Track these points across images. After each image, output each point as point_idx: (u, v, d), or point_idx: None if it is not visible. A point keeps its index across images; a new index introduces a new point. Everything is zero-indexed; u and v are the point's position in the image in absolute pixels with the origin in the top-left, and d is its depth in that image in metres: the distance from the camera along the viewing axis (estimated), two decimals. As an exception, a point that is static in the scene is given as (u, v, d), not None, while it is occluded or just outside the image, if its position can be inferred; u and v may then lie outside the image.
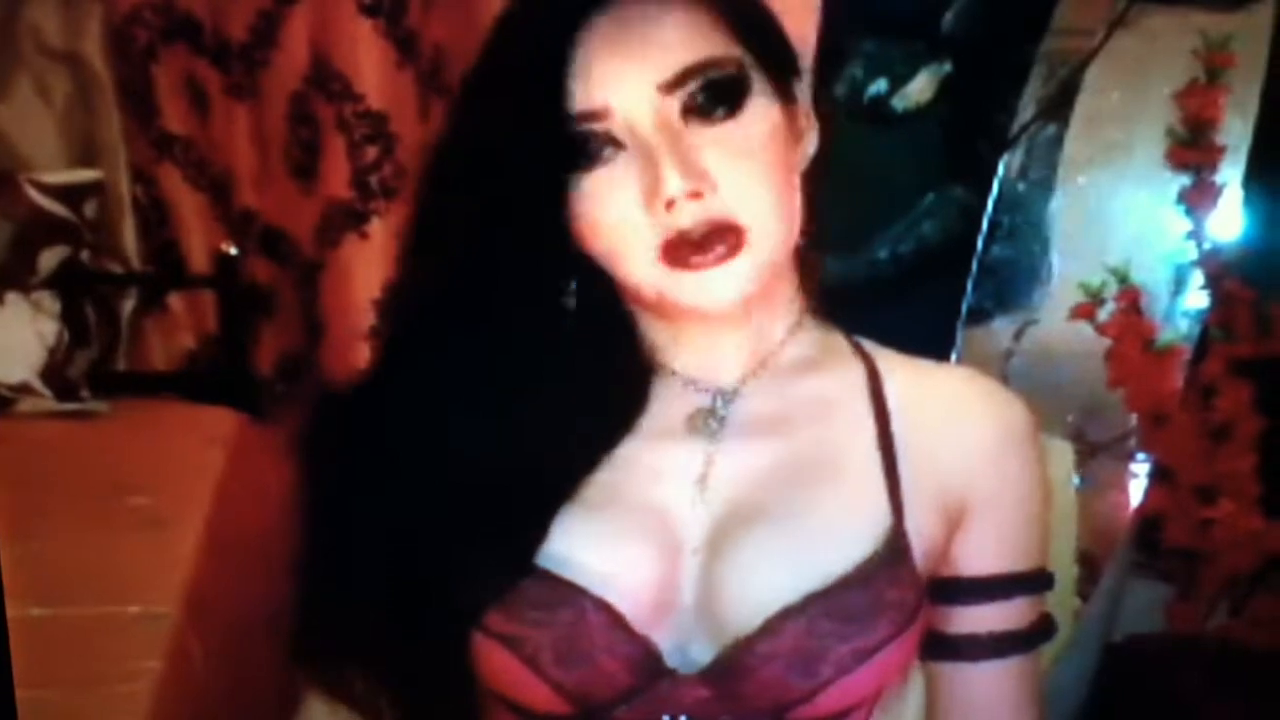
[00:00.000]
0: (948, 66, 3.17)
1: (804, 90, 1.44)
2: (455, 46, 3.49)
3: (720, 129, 1.34)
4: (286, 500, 1.46)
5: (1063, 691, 2.64)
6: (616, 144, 1.34)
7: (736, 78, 1.35)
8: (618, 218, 1.34)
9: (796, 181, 1.40)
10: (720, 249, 1.33)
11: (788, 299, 1.46)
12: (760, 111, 1.37)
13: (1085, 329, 2.82)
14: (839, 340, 1.52)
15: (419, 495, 1.40)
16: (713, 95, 1.34)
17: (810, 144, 1.44)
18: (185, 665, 2.40)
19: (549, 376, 1.40)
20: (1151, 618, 2.81)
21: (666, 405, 1.46)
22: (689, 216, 1.32)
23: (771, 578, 1.38)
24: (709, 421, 1.45)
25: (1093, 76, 3.06)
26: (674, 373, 1.46)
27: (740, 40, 1.37)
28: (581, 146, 1.34)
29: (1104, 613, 2.79)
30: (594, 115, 1.33)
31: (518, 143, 1.34)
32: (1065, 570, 2.62)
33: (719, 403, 1.45)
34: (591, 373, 1.42)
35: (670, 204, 1.31)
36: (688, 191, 1.31)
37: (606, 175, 1.34)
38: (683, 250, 1.33)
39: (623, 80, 1.32)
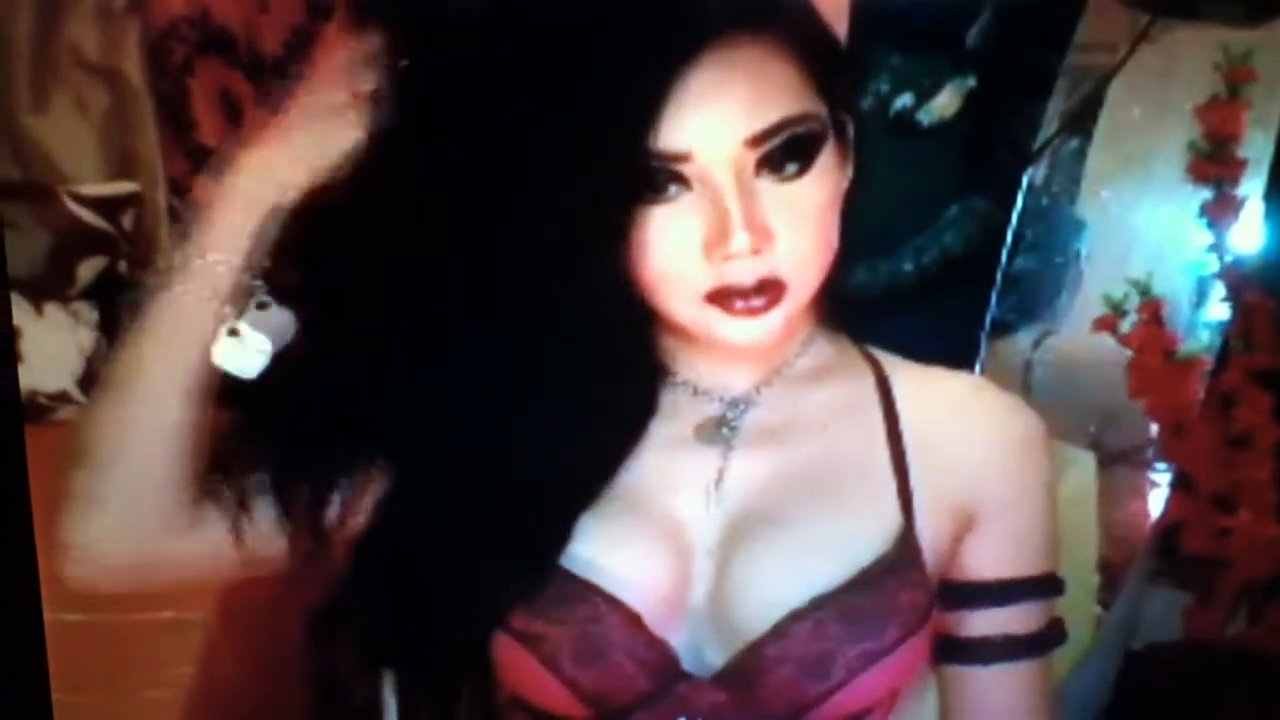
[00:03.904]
0: (972, 81, 3.18)
1: (850, 123, 1.44)
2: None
3: (788, 188, 1.34)
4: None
5: (1083, 698, 2.65)
6: (684, 184, 1.34)
7: (817, 135, 1.36)
8: (672, 256, 1.34)
9: (838, 220, 1.41)
10: (762, 301, 1.35)
11: (803, 315, 1.46)
12: (826, 167, 1.37)
13: (1106, 340, 2.83)
14: (849, 349, 1.54)
15: (442, 498, 1.41)
16: (790, 150, 1.34)
17: (849, 170, 1.43)
18: (217, 671, 2.42)
19: (570, 383, 1.41)
20: (1170, 625, 2.82)
21: (677, 414, 1.47)
22: (744, 271, 1.33)
23: (782, 581, 1.39)
24: (721, 430, 1.47)
25: (1116, 91, 3.07)
26: (684, 382, 1.48)
27: (823, 95, 1.38)
28: (648, 181, 1.34)
29: (1124, 620, 2.79)
30: (675, 157, 1.32)
31: (588, 167, 1.33)
32: (1086, 578, 2.64)
33: (731, 412, 1.48)
34: (608, 379, 1.43)
35: (730, 257, 1.33)
36: (751, 249, 1.32)
37: (666, 213, 1.34)
38: (729, 297, 1.35)
39: (712, 129, 1.32)
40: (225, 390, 1.43)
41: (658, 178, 1.33)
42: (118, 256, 3.68)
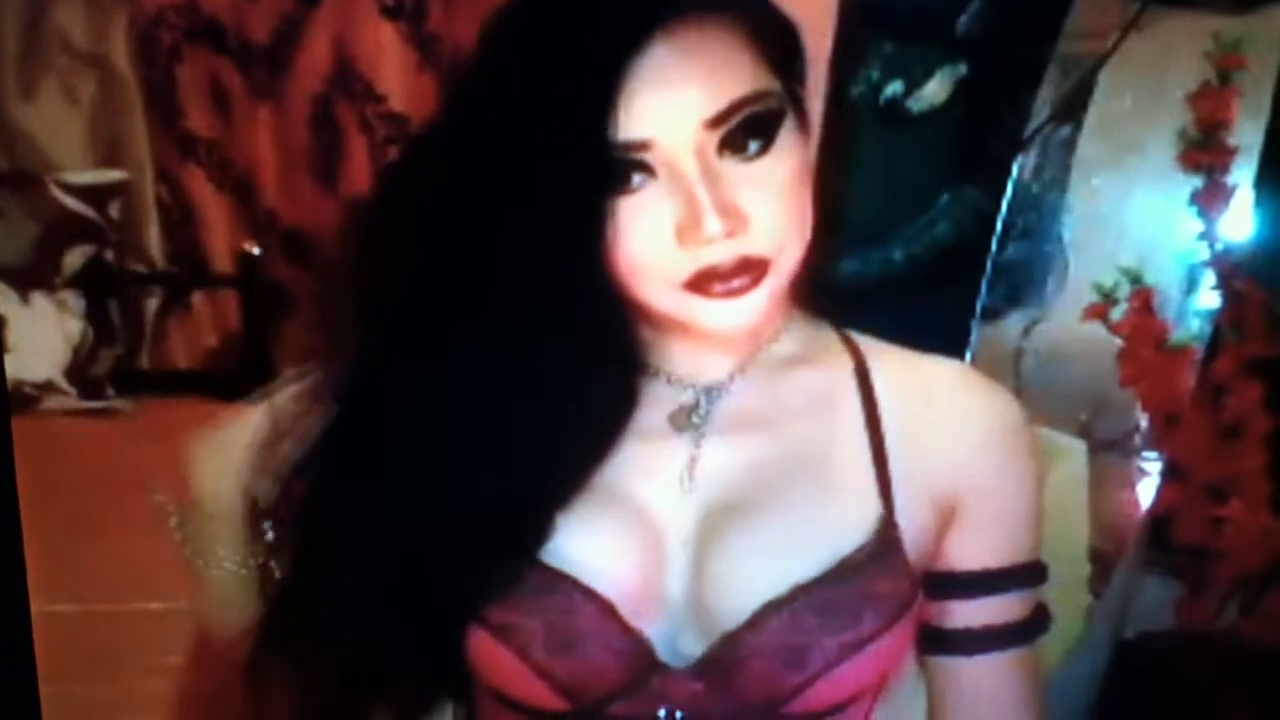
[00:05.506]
0: (963, 69, 3.18)
1: (808, 95, 1.45)
2: (476, 49, 3.50)
3: (753, 166, 1.35)
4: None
5: (1074, 688, 2.65)
6: (649, 173, 1.34)
7: (776, 111, 1.36)
8: (646, 246, 1.34)
9: (810, 196, 1.41)
10: (744, 281, 1.35)
11: (781, 301, 1.47)
12: (789, 144, 1.37)
13: (1097, 328, 2.83)
14: (828, 334, 1.54)
15: (419, 491, 1.41)
16: (751, 129, 1.35)
17: (814, 143, 1.45)
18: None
19: (548, 378, 1.40)
20: (1162, 615, 2.82)
21: (652, 403, 1.47)
22: (721, 254, 1.33)
23: (758, 570, 1.40)
24: (691, 418, 1.47)
25: (1106, 79, 3.06)
26: (658, 371, 1.48)
27: (777, 71, 1.38)
28: (612, 172, 1.34)
29: (1115, 610, 2.79)
30: (636, 146, 1.32)
31: (549, 163, 1.33)
32: (1077, 567, 2.64)
33: (703, 400, 1.48)
34: (586, 373, 1.42)
35: (705, 243, 1.33)
36: (725, 232, 1.32)
37: (635, 203, 1.34)
38: (708, 282, 1.35)
39: (670, 114, 1.32)
40: None
41: (621, 168, 1.33)
42: (105, 245, 3.68)
